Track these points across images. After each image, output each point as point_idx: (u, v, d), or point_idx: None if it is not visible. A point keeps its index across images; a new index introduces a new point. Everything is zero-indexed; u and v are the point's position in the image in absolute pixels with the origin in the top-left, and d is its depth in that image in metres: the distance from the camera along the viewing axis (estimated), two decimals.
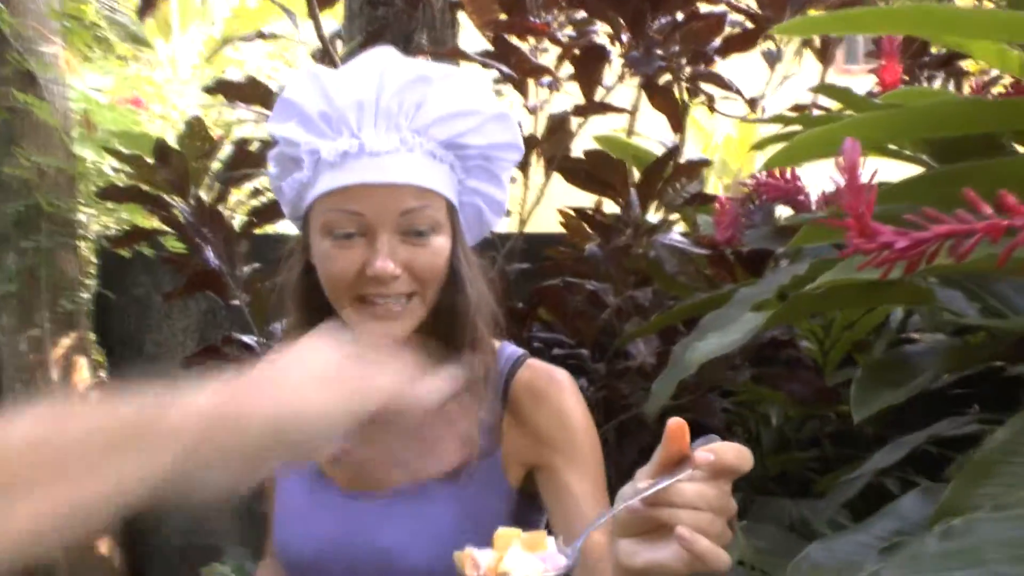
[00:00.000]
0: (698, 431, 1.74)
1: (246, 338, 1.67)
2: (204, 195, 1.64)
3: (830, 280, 0.81)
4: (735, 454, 0.69)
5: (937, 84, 2.16)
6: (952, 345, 1.07)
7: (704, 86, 1.87)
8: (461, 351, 1.08)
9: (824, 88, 1.39)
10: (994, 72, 2.18)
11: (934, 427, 1.33)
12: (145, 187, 1.65)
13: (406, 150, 1.01)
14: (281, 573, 1.26)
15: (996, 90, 1.85)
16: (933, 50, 2.10)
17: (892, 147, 1.24)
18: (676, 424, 0.70)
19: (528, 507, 1.14)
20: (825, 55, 2.28)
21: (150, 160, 1.61)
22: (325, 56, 1.58)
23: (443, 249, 1.05)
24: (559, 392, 1.11)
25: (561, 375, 1.13)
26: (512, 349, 1.16)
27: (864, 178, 0.57)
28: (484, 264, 1.16)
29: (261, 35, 1.56)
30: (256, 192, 1.67)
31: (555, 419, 1.10)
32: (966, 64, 2.17)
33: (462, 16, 2.16)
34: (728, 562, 0.67)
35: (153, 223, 1.86)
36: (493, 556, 0.74)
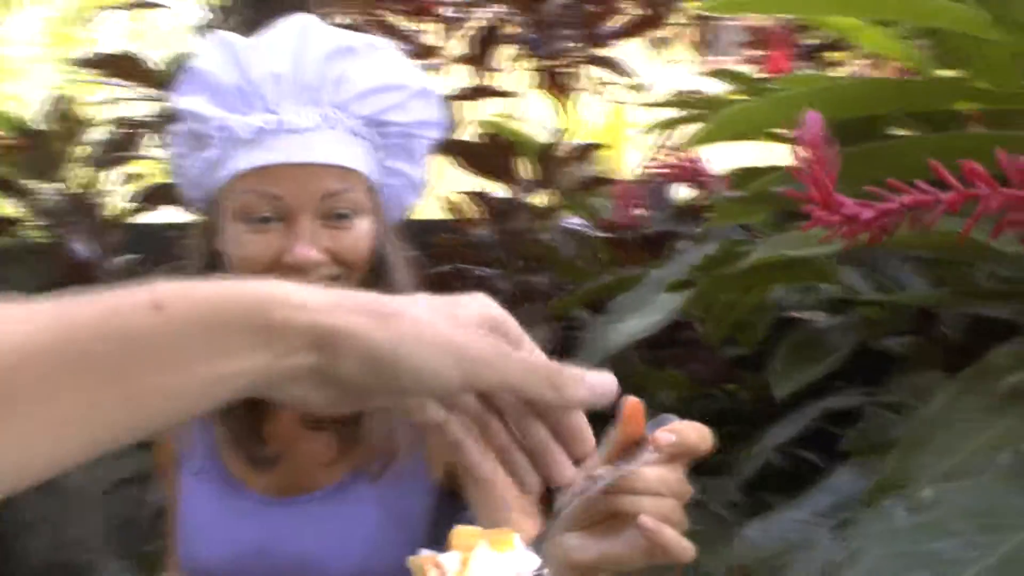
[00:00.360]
0: (592, 419, 1.72)
1: None
2: (72, 180, 1.54)
3: (761, 258, 0.81)
4: (697, 434, 0.63)
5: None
6: (858, 322, 1.09)
7: (595, 70, 1.86)
8: None
9: (722, 73, 1.41)
10: (859, 63, 2.27)
11: (825, 401, 1.36)
12: (2, 170, 1.53)
13: (327, 127, 0.94)
14: None
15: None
16: (804, 41, 2.17)
17: (778, 131, 1.27)
18: (633, 404, 0.62)
19: (450, 504, 1.07)
20: (703, 45, 2.33)
21: (9, 141, 1.49)
22: (208, 28, 1.49)
23: (367, 233, 0.97)
24: None
25: None
26: None
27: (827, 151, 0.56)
28: (408, 249, 1.11)
29: (140, 3, 1.46)
30: (132, 177, 1.56)
31: None
32: (834, 55, 2.26)
33: None
34: (693, 551, 0.61)
35: (10, 211, 1.73)
36: (458, 559, 0.66)
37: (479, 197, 1.73)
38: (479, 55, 1.62)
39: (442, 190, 1.87)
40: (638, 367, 1.73)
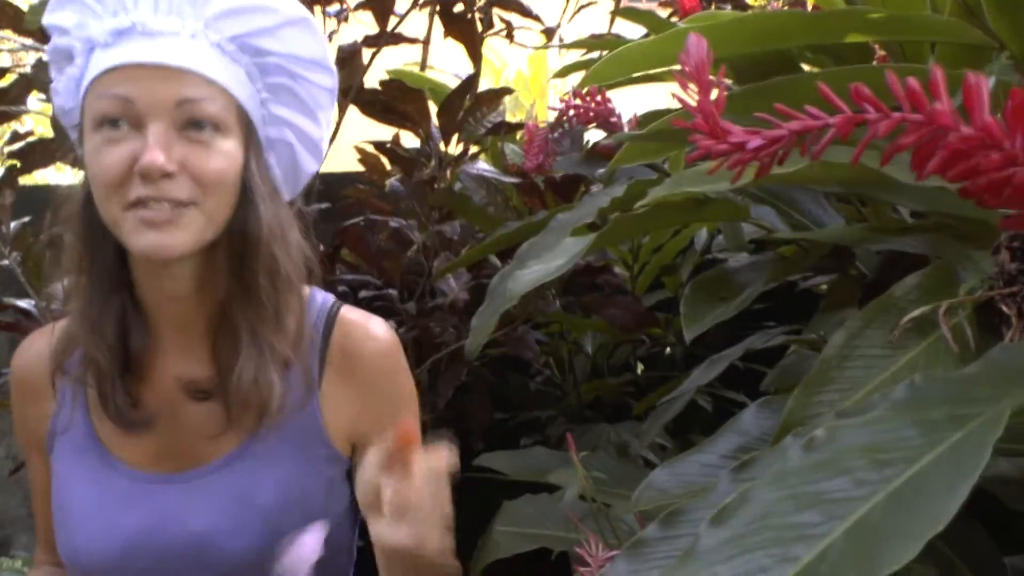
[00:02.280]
0: (515, 365, 1.72)
1: (22, 303, 1.50)
2: None
3: (659, 196, 0.78)
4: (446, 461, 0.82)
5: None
6: (771, 259, 1.08)
7: (502, 15, 1.81)
8: (256, 284, 0.95)
9: (627, 12, 1.37)
10: (775, 4, 2.26)
11: (746, 341, 1.36)
12: None
13: (188, 36, 0.89)
14: None
15: None
16: None
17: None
18: (407, 434, 0.78)
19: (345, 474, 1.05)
20: None
21: None
22: None
23: (230, 154, 0.92)
24: (383, 357, 1.04)
25: (379, 330, 1.05)
26: (323, 297, 1.06)
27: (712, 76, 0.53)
28: (292, 207, 1.06)
29: None
30: (17, 136, 1.48)
31: (377, 388, 1.04)
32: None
33: None
34: (437, 548, 0.80)
35: None
36: None
37: (388, 147, 1.68)
38: (382, 0, 1.56)
39: (350, 141, 1.82)
40: (558, 314, 1.71)
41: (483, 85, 1.77)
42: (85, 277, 0.96)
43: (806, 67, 1.26)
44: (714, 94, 0.53)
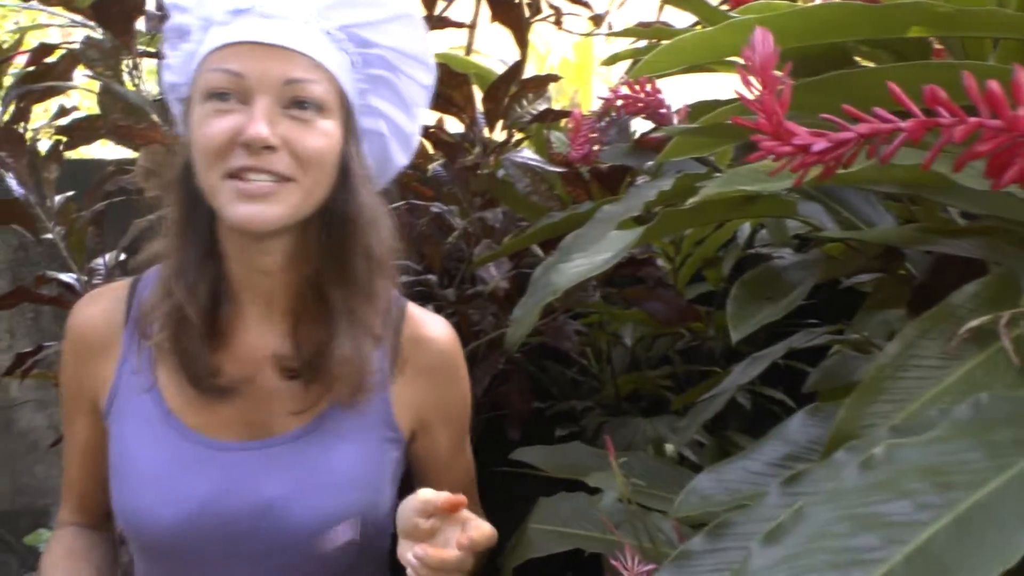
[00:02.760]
0: (553, 355, 1.72)
1: (65, 276, 1.50)
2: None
3: (712, 194, 0.76)
4: (487, 539, 0.88)
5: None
6: (819, 259, 1.05)
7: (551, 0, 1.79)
8: (353, 265, 0.99)
9: (679, 0, 1.34)
10: None
11: (789, 340, 1.33)
12: None
13: (301, 21, 0.93)
14: (84, 544, 1.10)
15: None
16: None
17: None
18: (455, 504, 0.87)
19: (404, 458, 1.11)
20: None
21: None
22: None
23: (330, 134, 0.95)
24: (447, 353, 1.10)
25: (443, 327, 1.11)
26: (388, 288, 1.08)
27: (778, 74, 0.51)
28: (386, 193, 1.09)
29: None
30: (63, 111, 1.48)
31: (440, 382, 1.09)
32: None
33: None
34: None
35: None
36: None
37: (432, 132, 1.66)
38: None
39: None
40: (599, 305, 1.69)
41: (528, 71, 1.75)
42: (181, 241, 0.99)
43: (860, 60, 1.23)
44: (779, 92, 0.51)
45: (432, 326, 1.10)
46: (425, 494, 0.87)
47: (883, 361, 0.68)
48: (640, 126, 1.56)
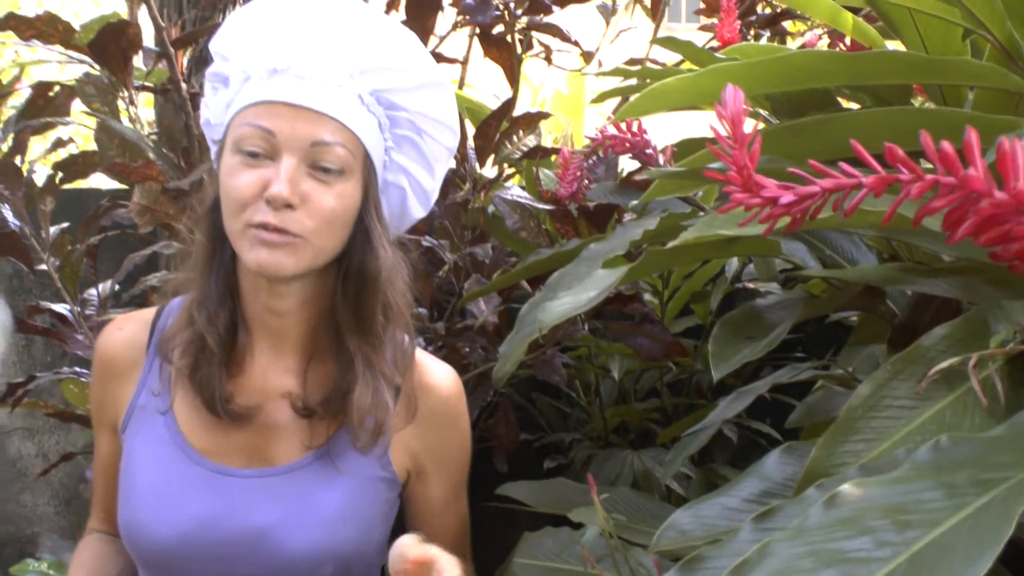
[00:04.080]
0: (542, 387, 1.74)
1: (58, 307, 1.52)
2: None
3: (692, 238, 0.78)
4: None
5: (763, 42, 2.21)
6: (800, 298, 1.07)
7: (541, 37, 1.83)
8: (373, 318, 1.04)
9: (667, 41, 1.38)
10: (817, 32, 2.25)
11: (774, 375, 1.35)
12: None
13: (334, 84, 0.98)
14: (109, 550, 1.16)
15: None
16: (759, 9, 2.14)
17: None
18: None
19: (397, 499, 1.13)
20: (656, 11, 2.29)
21: None
22: None
23: (348, 197, 0.99)
24: (449, 400, 1.13)
25: (449, 375, 1.14)
26: (406, 339, 1.12)
27: (746, 129, 0.53)
28: (404, 245, 1.13)
29: None
30: (59, 143, 1.51)
31: (440, 428, 1.11)
32: (788, 24, 2.23)
33: None
34: None
35: None
36: None
37: None
38: (418, 19, 1.57)
39: None
40: (587, 338, 1.72)
41: (521, 102, 1.78)
42: (205, 273, 1.05)
43: (843, 101, 1.26)
44: (749, 146, 0.54)
45: (438, 373, 1.13)
46: (404, 543, 0.91)
47: (855, 401, 0.71)
48: (628, 163, 1.59)
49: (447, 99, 1.07)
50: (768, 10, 2.13)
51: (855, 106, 1.25)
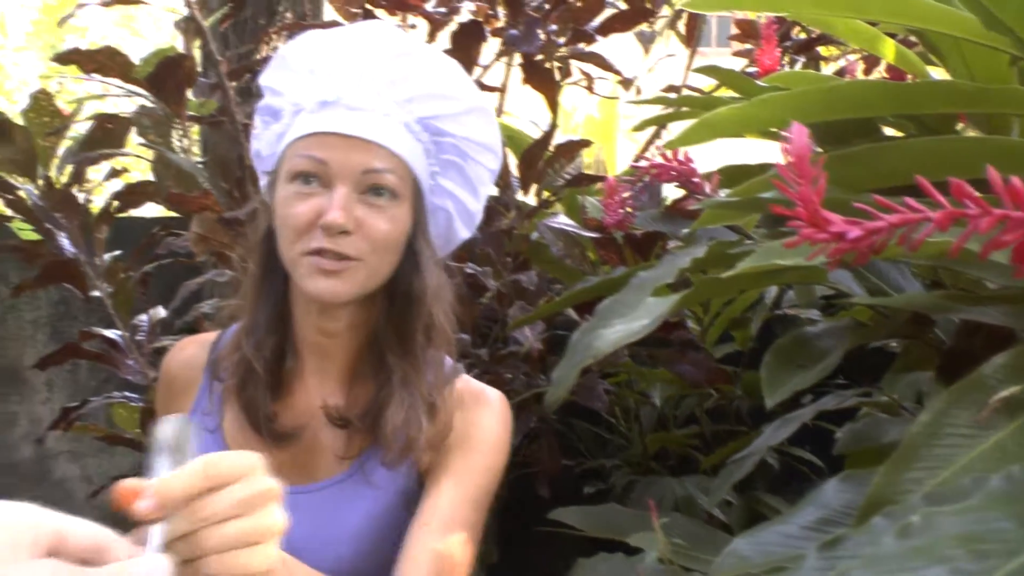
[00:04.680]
0: (581, 413, 1.73)
1: (110, 333, 1.55)
2: (55, 176, 1.52)
3: (751, 267, 0.79)
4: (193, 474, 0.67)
5: (798, 67, 2.22)
6: (850, 325, 1.08)
7: (581, 65, 1.85)
8: (413, 339, 1.07)
9: (709, 69, 1.39)
10: (851, 57, 2.26)
11: (819, 403, 1.36)
12: None
13: (382, 114, 1.01)
14: None
15: (874, 77, 1.91)
16: (793, 34, 2.15)
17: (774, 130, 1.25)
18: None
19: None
20: (691, 38, 2.31)
21: None
22: (190, 23, 1.47)
23: (400, 220, 1.03)
24: (482, 406, 1.13)
25: (492, 395, 1.15)
26: (448, 361, 1.14)
27: (813, 164, 0.55)
28: (449, 269, 1.17)
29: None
30: (114, 172, 1.55)
31: (464, 427, 1.11)
32: (823, 50, 2.24)
33: None
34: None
35: None
36: None
37: None
38: (464, 50, 1.60)
39: None
40: (627, 364, 1.72)
41: (559, 132, 1.80)
42: (256, 301, 1.09)
43: (886, 129, 1.27)
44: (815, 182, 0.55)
45: (483, 397, 1.14)
46: None
47: (916, 429, 0.71)
48: (670, 190, 1.61)
49: (490, 124, 1.10)
50: (803, 35, 2.14)
51: (898, 133, 1.25)
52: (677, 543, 0.86)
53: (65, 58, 1.37)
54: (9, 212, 1.54)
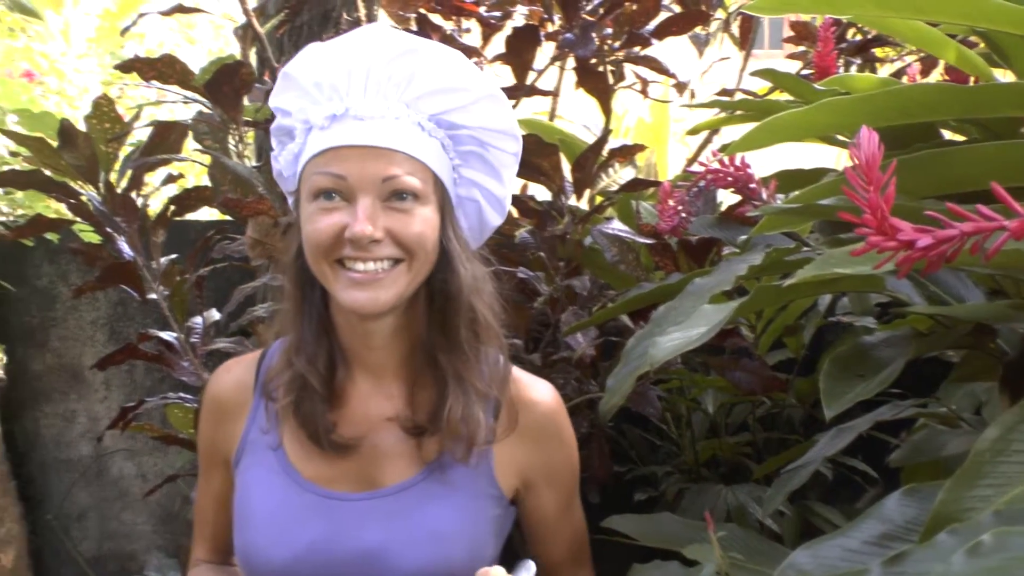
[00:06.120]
0: (632, 418, 1.72)
1: (166, 335, 1.57)
2: (115, 181, 1.54)
3: (811, 275, 0.78)
4: None
5: (853, 69, 2.19)
6: (910, 335, 1.05)
7: (636, 69, 1.84)
8: (458, 334, 1.07)
9: (766, 72, 1.37)
10: (908, 59, 2.22)
11: (874, 413, 1.33)
12: (49, 172, 1.53)
13: (392, 118, 1.00)
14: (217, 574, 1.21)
15: (933, 78, 1.88)
16: (848, 36, 2.12)
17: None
18: None
19: (508, 516, 1.15)
20: (745, 41, 2.29)
21: (53, 143, 1.50)
22: (248, 31, 1.49)
23: (429, 220, 1.03)
24: (551, 415, 1.14)
25: (548, 391, 1.16)
26: (495, 354, 1.14)
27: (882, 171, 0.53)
28: (483, 256, 1.16)
29: (181, 8, 1.46)
30: (171, 178, 1.57)
31: (544, 443, 1.13)
32: (878, 51, 2.21)
33: None
34: None
35: (58, 209, 1.74)
36: None
37: (520, 199, 1.71)
38: (518, 54, 1.60)
39: None
40: (680, 371, 1.71)
41: (612, 136, 1.78)
42: (298, 318, 1.09)
43: (947, 133, 1.24)
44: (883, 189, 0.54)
45: (537, 389, 1.15)
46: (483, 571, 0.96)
47: (982, 445, 0.69)
48: (724, 194, 1.59)
49: (504, 108, 1.08)
50: (859, 36, 2.11)
51: (958, 137, 1.22)
52: (734, 556, 0.84)
53: (127, 66, 1.39)
54: (70, 216, 1.57)
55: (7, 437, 2.39)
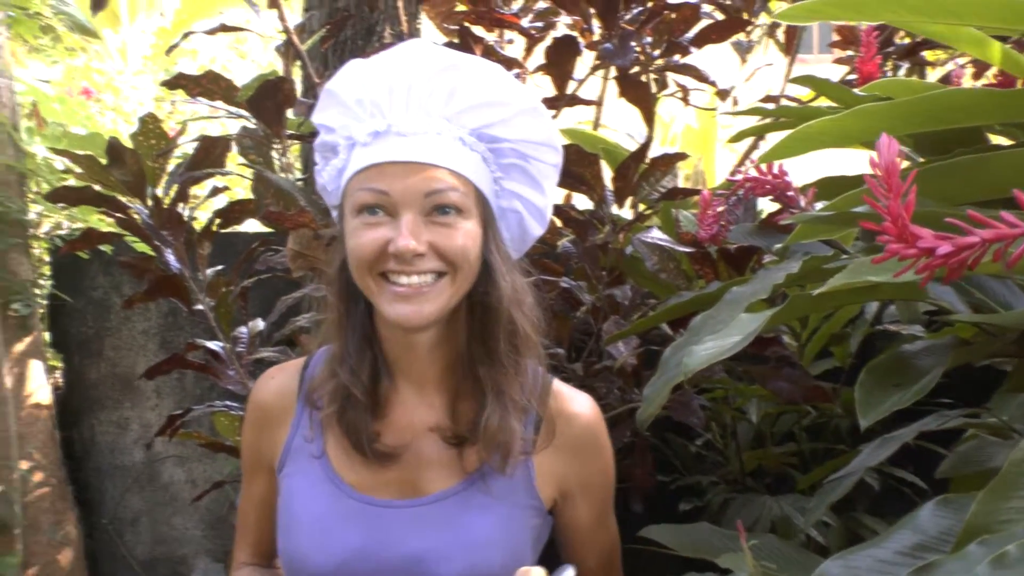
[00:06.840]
0: (677, 428, 1.72)
1: (212, 344, 1.60)
2: (162, 195, 1.58)
3: (841, 283, 0.77)
4: None
5: (901, 73, 2.16)
6: (950, 343, 1.04)
7: (676, 77, 1.83)
8: (498, 347, 1.08)
9: (806, 79, 1.37)
10: (960, 61, 2.19)
11: (921, 422, 1.31)
12: (99, 188, 1.57)
13: (434, 133, 1.02)
14: None
15: (981, 81, 1.85)
16: (896, 39, 2.09)
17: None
18: None
19: (546, 526, 1.16)
20: (790, 47, 2.27)
21: (103, 160, 1.54)
22: (289, 47, 1.52)
23: (472, 233, 1.04)
24: (590, 427, 1.15)
25: (587, 403, 1.16)
26: (535, 367, 1.15)
27: (902, 178, 0.53)
28: (524, 267, 1.16)
29: (224, 28, 1.49)
30: (216, 191, 1.60)
31: (583, 455, 1.14)
32: (928, 54, 2.17)
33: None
34: None
35: (111, 223, 1.79)
36: None
37: (562, 208, 1.71)
38: (559, 64, 1.60)
39: None
40: (724, 380, 1.70)
41: (653, 140, 1.78)
42: (342, 330, 1.11)
43: (992, 136, 1.22)
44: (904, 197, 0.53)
45: (577, 402, 1.15)
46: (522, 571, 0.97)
47: (1018, 456, 0.68)
48: (766, 203, 1.58)
49: (544, 120, 1.09)
50: (907, 40, 2.08)
51: (1007, 141, 1.20)
52: (766, 566, 0.84)
53: (173, 83, 1.43)
54: (120, 230, 1.61)
55: (64, 443, 2.45)
